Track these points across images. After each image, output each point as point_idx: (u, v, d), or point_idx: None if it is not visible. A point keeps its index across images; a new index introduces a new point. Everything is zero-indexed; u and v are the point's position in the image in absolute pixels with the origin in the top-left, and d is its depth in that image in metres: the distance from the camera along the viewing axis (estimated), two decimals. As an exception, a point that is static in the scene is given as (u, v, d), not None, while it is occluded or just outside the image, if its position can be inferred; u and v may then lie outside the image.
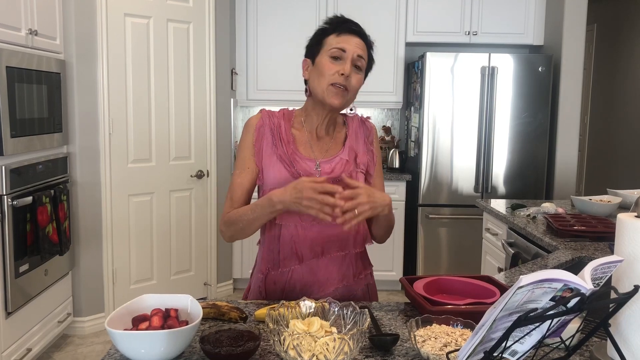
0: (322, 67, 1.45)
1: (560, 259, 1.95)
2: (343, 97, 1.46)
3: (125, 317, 1.17)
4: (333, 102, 1.45)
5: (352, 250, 1.55)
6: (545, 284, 0.84)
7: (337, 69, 1.44)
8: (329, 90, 1.45)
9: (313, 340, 1.01)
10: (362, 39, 1.50)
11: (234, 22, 4.33)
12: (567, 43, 4.15)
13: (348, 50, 1.45)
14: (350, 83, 1.45)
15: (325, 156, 1.52)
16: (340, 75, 1.43)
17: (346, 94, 1.46)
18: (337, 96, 1.45)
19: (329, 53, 1.46)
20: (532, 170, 4.20)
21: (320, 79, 1.46)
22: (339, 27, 1.49)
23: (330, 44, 1.47)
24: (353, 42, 1.47)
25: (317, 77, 1.47)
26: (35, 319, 2.98)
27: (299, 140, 1.53)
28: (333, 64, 1.45)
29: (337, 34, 1.47)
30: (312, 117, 1.53)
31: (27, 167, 2.86)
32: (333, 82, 1.44)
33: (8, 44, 2.71)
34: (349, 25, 1.49)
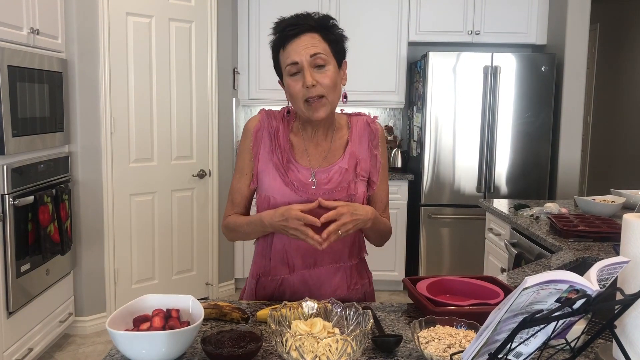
0: (289, 89, 1.41)
1: (563, 259, 1.94)
2: (323, 106, 1.39)
3: (127, 318, 1.16)
4: (316, 116, 1.40)
5: (347, 262, 1.51)
6: (551, 285, 0.83)
7: (300, 83, 1.38)
8: (306, 108, 1.40)
9: (315, 342, 1.00)
10: (309, 31, 1.39)
11: (236, 21, 4.32)
12: (570, 43, 4.14)
13: (299, 60, 1.37)
14: (322, 87, 1.38)
15: (323, 164, 1.47)
16: (305, 88, 1.37)
17: (325, 100, 1.39)
18: (316, 109, 1.39)
19: (287, 72, 1.40)
20: (535, 170, 4.19)
21: (294, 101, 1.42)
22: (281, 38, 1.41)
23: (283, 62, 1.41)
24: (299, 46, 1.38)
25: (291, 99, 1.42)
26: (36, 319, 2.98)
27: (297, 147, 1.49)
28: (295, 80, 1.39)
29: (283, 47, 1.41)
30: (308, 126, 1.49)
31: (29, 167, 2.86)
32: (305, 97, 1.38)
33: (10, 43, 2.71)
34: (287, 32, 1.40)
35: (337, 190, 1.45)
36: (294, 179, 1.45)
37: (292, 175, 1.45)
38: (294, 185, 1.44)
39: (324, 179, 1.45)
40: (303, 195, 1.43)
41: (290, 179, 1.45)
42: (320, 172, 1.46)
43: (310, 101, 1.38)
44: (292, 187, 1.44)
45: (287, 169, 1.45)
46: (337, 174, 1.46)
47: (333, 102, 1.42)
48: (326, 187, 1.45)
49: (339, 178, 1.46)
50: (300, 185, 1.44)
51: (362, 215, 1.36)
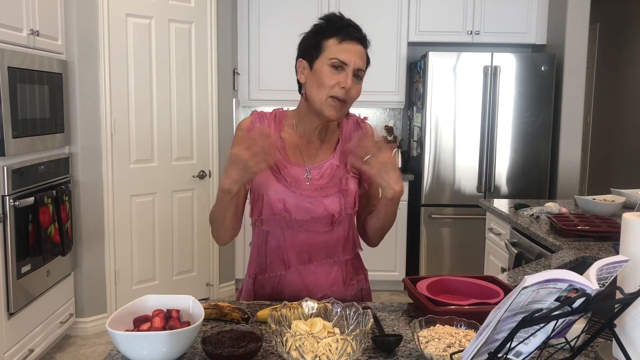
0: (322, 76, 1.39)
1: (564, 258, 1.94)
2: (341, 111, 1.42)
3: (127, 318, 1.16)
4: (331, 115, 1.41)
5: (341, 257, 1.52)
6: (550, 284, 0.83)
7: (337, 79, 1.38)
8: (328, 102, 1.40)
9: (316, 341, 1.01)
10: (362, 44, 1.43)
11: (236, 22, 4.33)
12: (570, 42, 4.13)
13: (350, 62, 1.39)
14: (350, 96, 1.41)
15: (315, 161, 1.49)
16: (341, 88, 1.38)
17: (345, 106, 1.42)
18: (336, 109, 1.41)
19: (329, 62, 1.39)
20: (535, 170, 4.19)
21: (319, 89, 1.40)
22: (341, 31, 1.41)
23: (332, 51, 1.40)
24: (355, 51, 1.40)
25: (316, 86, 1.41)
26: (37, 320, 2.98)
27: (289, 145, 1.50)
28: (333, 74, 1.39)
29: (339, 40, 1.40)
30: (305, 121, 1.49)
31: (29, 168, 2.86)
32: (333, 94, 1.39)
33: (10, 44, 2.71)
34: (351, 32, 1.42)
35: (329, 186, 1.47)
36: (287, 176, 1.46)
37: (284, 172, 1.46)
38: (287, 181, 1.45)
39: (316, 175, 1.48)
40: (296, 191, 1.45)
41: (283, 175, 1.46)
42: (313, 168, 1.48)
43: (335, 99, 1.40)
44: (285, 183, 1.45)
45: (280, 166, 1.47)
46: (328, 170, 1.48)
47: (344, 113, 1.46)
48: (318, 182, 1.47)
49: (330, 174, 1.48)
50: (293, 181, 1.46)
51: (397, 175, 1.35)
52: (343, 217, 1.48)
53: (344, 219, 1.49)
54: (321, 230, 1.47)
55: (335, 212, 1.46)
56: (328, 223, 1.47)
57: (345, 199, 1.47)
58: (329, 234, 1.48)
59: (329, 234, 1.48)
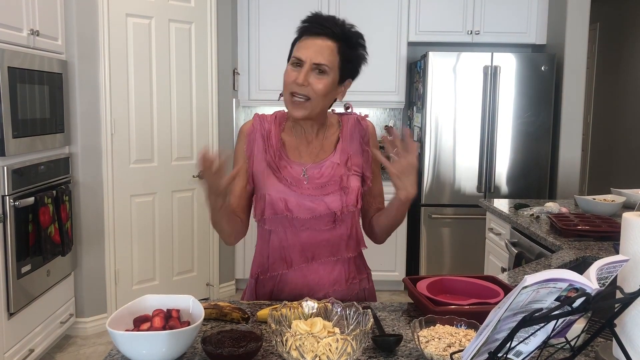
0: (285, 75, 1.42)
1: (564, 258, 1.94)
2: (304, 108, 1.40)
3: (127, 318, 1.16)
4: (295, 113, 1.42)
5: (345, 255, 1.52)
6: (550, 283, 0.83)
7: (295, 76, 1.39)
8: (290, 101, 1.41)
9: (316, 341, 1.01)
10: (331, 38, 1.40)
11: (236, 22, 4.32)
12: (570, 42, 4.13)
13: (305, 58, 1.39)
14: (311, 90, 1.39)
15: (315, 160, 1.50)
16: (295, 83, 1.38)
17: (307, 103, 1.40)
18: (297, 107, 1.41)
19: (290, 61, 1.42)
20: (535, 170, 4.19)
21: (284, 88, 1.43)
22: (303, 30, 1.43)
23: (294, 51, 1.43)
24: (314, 46, 1.39)
25: (283, 85, 1.44)
26: (37, 320, 2.98)
27: (289, 145, 1.51)
28: (293, 71, 1.40)
29: (299, 39, 1.43)
30: (300, 122, 1.49)
31: (29, 168, 2.86)
32: (291, 90, 1.40)
33: (10, 44, 2.71)
34: (310, 27, 1.42)
35: (329, 184, 1.47)
36: (287, 175, 1.47)
37: (285, 172, 1.47)
38: (287, 180, 1.47)
39: (316, 174, 1.48)
40: (297, 190, 1.46)
41: (283, 175, 1.47)
42: (312, 167, 1.49)
43: (295, 97, 1.40)
44: (285, 182, 1.47)
45: (280, 166, 1.48)
46: (328, 168, 1.48)
47: (315, 108, 1.43)
48: (318, 181, 1.47)
49: (331, 172, 1.48)
50: (294, 181, 1.47)
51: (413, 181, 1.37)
52: (345, 215, 1.48)
53: (347, 217, 1.49)
54: (323, 228, 1.48)
55: (337, 209, 1.46)
56: (330, 221, 1.47)
57: (346, 197, 1.47)
58: (331, 232, 1.49)
59: (331, 232, 1.49)
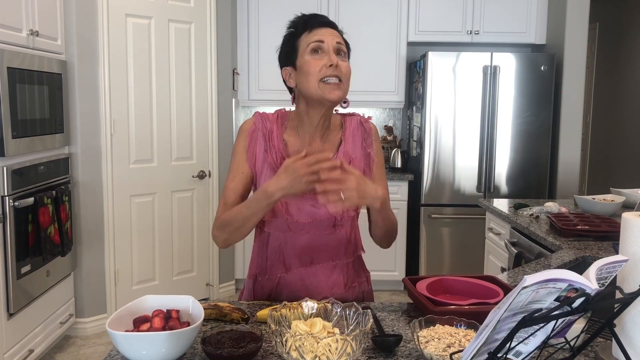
0: (307, 66, 1.39)
1: (563, 258, 1.94)
2: (340, 89, 1.39)
3: (127, 318, 1.16)
4: (332, 96, 1.38)
5: (343, 259, 1.51)
6: (550, 284, 0.83)
7: (322, 62, 1.37)
8: (321, 87, 1.37)
9: (315, 342, 1.00)
10: (334, 28, 1.44)
11: (235, 22, 4.32)
12: (569, 42, 4.14)
13: (326, 41, 1.39)
14: (341, 72, 1.38)
15: None
16: (328, 67, 1.37)
17: (341, 84, 1.39)
18: (334, 90, 1.38)
19: (308, 50, 1.39)
20: (535, 170, 4.19)
21: (309, 79, 1.38)
22: (307, 24, 1.43)
23: (306, 41, 1.41)
24: (328, 32, 1.41)
25: (305, 78, 1.39)
26: (37, 320, 2.98)
27: (291, 146, 1.48)
28: (316, 59, 1.38)
29: (308, 31, 1.42)
30: (305, 122, 1.47)
31: (29, 168, 2.86)
32: (323, 76, 1.37)
33: (9, 44, 2.71)
34: (317, 19, 1.43)
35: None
36: None
37: None
38: None
39: None
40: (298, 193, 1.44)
41: None
42: None
43: (327, 81, 1.38)
44: None
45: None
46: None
47: (345, 90, 1.42)
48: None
49: None
50: None
51: (371, 190, 1.29)
52: (345, 220, 1.47)
53: (346, 222, 1.48)
54: (323, 232, 1.47)
55: (337, 214, 1.45)
56: (330, 225, 1.46)
57: None
58: (330, 237, 1.48)
59: (330, 237, 1.48)
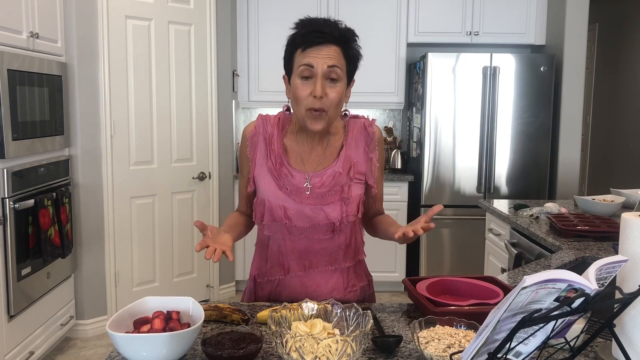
0: (296, 90, 1.38)
1: (563, 259, 1.94)
2: (323, 120, 1.38)
3: (127, 320, 1.16)
4: (314, 127, 1.39)
5: (342, 264, 1.51)
6: (550, 284, 0.83)
7: (309, 90, 1.36)
8: (307, 115, 1.38)
9: (315, 342, 1.01)
10: (334, 43, 1.37)
11: (235, 24, 4.33)
12: (569, 42, 4.14)
13: (316, 66, 1.35)
14: (327, 101, 1.36)
15: (317, 169, 1.47)
16: (313, 97, 1.35)
17: (325, 114, 1.38)
18: (317, 121, 1.38)
19: (298, 73, 1.37)
20: (535, 170, 4.19)
21: (297, 104, 1.39)
22: (304, 40, 1.38)
23: (298, 62, 1.38)
24: (321, 54, 1.36)
25: (294, 101, 1.40)
26: (37, 322, 2.98)
27: (291, 152, 1.48)
28: (304, 85, 1.37)
29: (302, 49, 1.37)
30: (303, 130, 1.47)
31: (29, 170, 2.86)
32: (308, 107, 1.36)
33: (9, 46, 2.71)
34: (312, 37, 1.37)
35: (330, 194, 1.45)
36: (288, 184, 1.45)
37: (285, 180, 1.45)
38: (287, 189, 1.45)
39: (318, 182, 1.45)
40: (296, 199, 1.44)
41: (283, 183, 1.45)
42: (314, 176, 1.46)
43: (311, 111, 1.37)
44: (285, 191, 1.45)
45: (280, 174, 1.46)
46: (330, 177, 1.46)
47: (332, 118, 1.41)
48: (319, 190, 1.45)
49: (332, 182, 1.45)
50: (294, 190, 1.45)
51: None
52: (344, 225, 1.47)
53: (346, 227, 1.48)
54: (322, 237, 1.46)
55: (336, 220, 1.44)
56: (329, 231, 1.46)
57: (347, 207, 1.45)
58: (329, 242, 1.48)
59: (329, 242, 1.48)
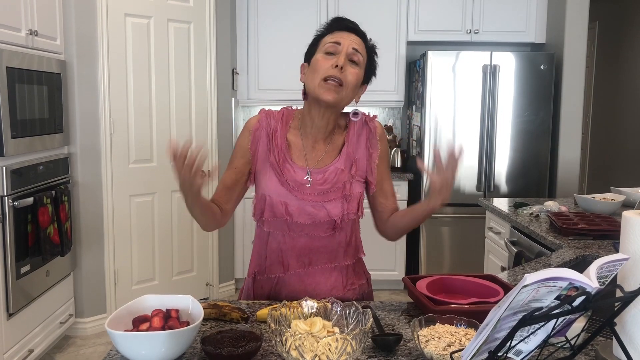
0: (316, 63, 1.41)
1: (563, 257, 1.94)
2: (337, 92, 1.39)
3: (126, 318, 1.16)
4: (326, 97, 1.38)
5: (342, 262, 1.51)
6: (550, 282, 0.83)
7: (331, 62, 1.39)
8: (321, 85, 1.39)
9: (315, 341, 1.00)
10: (359, 36, 1.46)
11: (235, 22, 4.32)
12: (569, 41, 4.13)
13: (342, 44, 1.41)
14: (345, 77, 1.39)
15: (319, 165, 1.47)
16: (333, 67, 1.38)
17: (340, 89, 1.39)
18: (330, 91, 1.38)
19: (323, 50, 1.42)
20: (535, 169, 4.19)
21: (314, 75, 1.41)
22: (333, 26, 1.46)
23: (325, 41, 1.44)
24: (349, 37, 1.43)
25: (312, 74, 1.42)
26: (37, 320, 2.98)
27: (294, 147, 1.49)
28: (327, 59, 1.40)
29: (330, 33, 1.45)
30: (308, 122, 1.48)
31: (28, 168, 2.86)
32: (326, 75, 1.38)
33: (8, 44, 2.70)
34: (344, 23, 1.46)
35: (332, 191, 1.45)
36: (290, 179, 1.45)
37: (287, 175, 1.45)
38: (289, 184, 1.44)
39: (320, 179, 1.45)
40: (298, 194, 1.44)
41: (285, 178, 1.45)
42: (316, 172, 1.46)
43: (328, 80, 1.39)
44: (287, 186, 1.44)
45: (283, 169, 1.46)
46: (332, 174, 1.46)
47: (344, 97, 1.42)
48: (321, 187, 1.45)
49: (334, 178, 1.45)
50: (296, 185, 1.44)
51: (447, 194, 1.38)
52: (345, 223, 1.47)
53: (346, 224, 1.48)
54: (322, 234, 1.46)
55: (337, 217, 1.44)
56: (329, 228, 1.46)
57: (348, 204, 1.45)
58: (330, 239, 1.47)
59: (330, 239, 1.47)
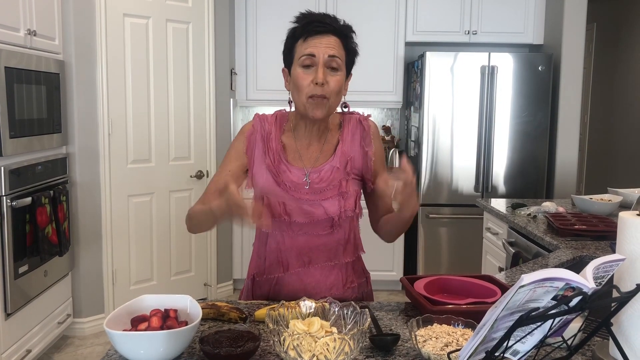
0: (297, 79, 1.40)
1: (561, 258, 1.95)
2: (324, 107, 1.40)
3: (124, 318, 1.16)
4: (315, 114, 1.40)
5: (342, 260, 1.52)
6: (547, 283, 0.83)
7: (310, 78, 1.39)
8: (308, 103, 1.40)
9: (313, 341, 1.01)
10: (333, 34, 1.41)
11: (233, 22, 4.32)
12: (567, 42, 4.14)
13: (317, 55, 1.38)
14: (328, 88, 1.39)
15: (315, 165, 1.48)
16: (315, 85, 1.38)
17: (326, 102, 1.40)
18: (317, 108, 1.40)
19: (299, 63, 1.40)
20: (533, 170, 4.20)
21: (298, 93, 1.41)
22: (305, 30, 1.41)
23: (299, 52, 1.41)
24: (322, 43, 1.39)
25: (295, 90, 1.42)
26: (35, 320, 2.97)
27: (289, 149, 1.50)
28: (306, 73, 1.39)
29: (303, 38, 1.41)
30: (301, 125, 1.49)
31: (26, 168, 2.86)
32: (310, 94, 1.39)
33: (7, 44, 2.70)
34: (314, 27, 1.40)
35: (328, 189, 1.46)
36: (286, 180, 1.46)
37: (284, 176, 1.46)
38: (286, 185, 1.45)
39: (316, 178, 1.47)
40: (295, 195, 1.45)
41: (282, 179, 1.46)
42: (313, 172, 1.47)
43: (314, 98, 1.39)
44: (284, 187, 1.45)
45: (279, 170, 1.47)
46: (328, 172, 1.47)
47: (332, 106, 1.44)
48: (318, 186, 1.46)
49: (330, 177, 1.47)
50: (293, 186, 1.46)
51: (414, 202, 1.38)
52: (343, 220, 1.47)
53: (345, 222, 1.49)
54: (321, 233, 1.47)
55: (335, 215, 1.45)
56: (328, 226, 1.46)
57: (345, 202, 1.46)
58: (329, 237, 1.48)
59: (329, 237, 1.48)
